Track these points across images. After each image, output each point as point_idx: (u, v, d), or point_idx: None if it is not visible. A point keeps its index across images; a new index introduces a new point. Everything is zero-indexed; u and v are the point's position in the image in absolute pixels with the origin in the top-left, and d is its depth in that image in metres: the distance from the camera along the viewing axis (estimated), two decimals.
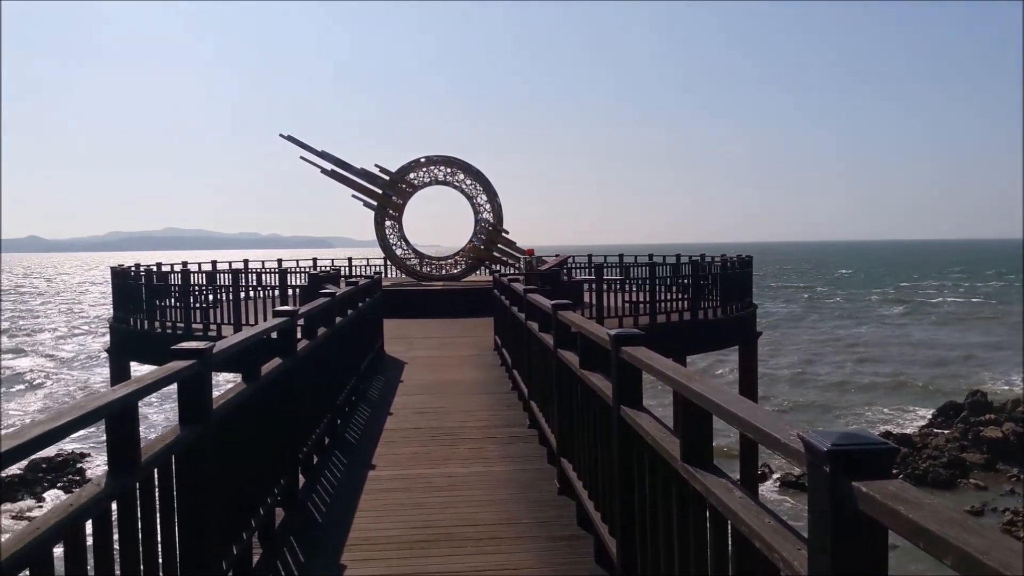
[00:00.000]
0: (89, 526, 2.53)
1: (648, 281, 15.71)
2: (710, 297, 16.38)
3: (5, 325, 62.57)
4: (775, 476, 20.43)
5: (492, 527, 5.18)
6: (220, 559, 3.75)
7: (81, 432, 3.24)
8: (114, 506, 2.71)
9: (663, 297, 15.70)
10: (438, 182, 23.69)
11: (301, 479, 5.93)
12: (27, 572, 2.13)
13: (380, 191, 23.21)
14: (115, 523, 2.74)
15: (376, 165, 23.39)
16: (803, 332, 51.58)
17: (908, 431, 24.77)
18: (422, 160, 23.55)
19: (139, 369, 19.83)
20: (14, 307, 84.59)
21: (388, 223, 23.44)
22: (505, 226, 23.70)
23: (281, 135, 22.87)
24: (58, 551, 2.35)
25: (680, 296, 15.97)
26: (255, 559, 4.52)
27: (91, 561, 2.53)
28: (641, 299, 15.55)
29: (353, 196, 23.15)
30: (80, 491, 2.56)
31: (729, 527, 2.35)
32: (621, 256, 25.42)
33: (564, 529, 5.11)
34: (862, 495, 1.54)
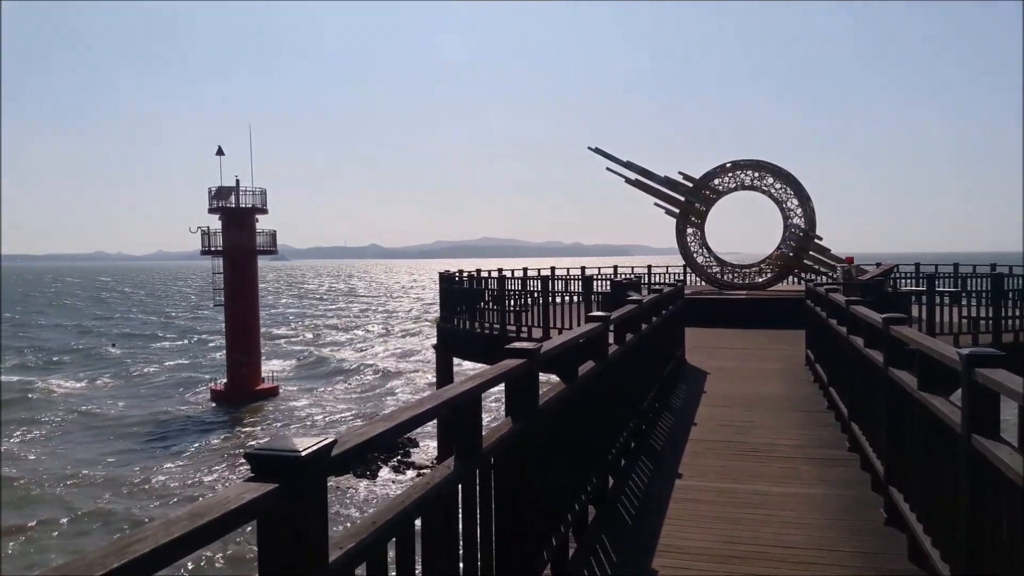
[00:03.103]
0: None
1: (991, 294, 13.79)
2: None
3: (335, 320, 72.22)
4: None
5: (808, 552, 4.91)
6: (541, 548, 3.98)
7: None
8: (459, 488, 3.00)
9: (1012, 313, 13.68)
10: (744, 187, 22.96)
11: (610, 480, 6.09)
12: (393, 539, 2.45)
13: (683, 198, 23.07)
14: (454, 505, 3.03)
15: (680, 172, 23.31)
16: None
17: None
18: (727, 165, 23.00)
19: (460, 365, 21.75)
20: (346, 306, 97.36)
21: (690, 230, 23.21)
22: (818, 232, 22.30)
23: (589, 148, 23.71)
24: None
25: None
26: (570, 552, 4.73)
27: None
28: (982, 314, 13.69)
29: (655, 204, 23.28)
30: (433, 472, 2.87)
31: None
32: (956, 266, 22.63)
33: (892, 562, 4.68)
34: None
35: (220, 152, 38.94)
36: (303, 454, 1.83)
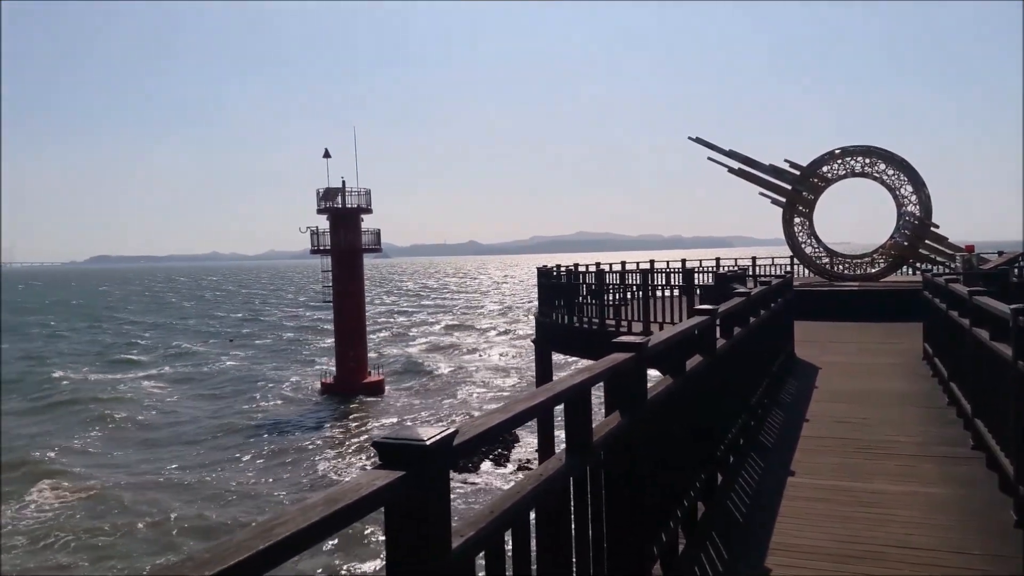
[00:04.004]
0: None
1: None
2: None
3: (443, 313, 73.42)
4: None
5: (931, 553, 4.70)
6: (651, 543, 3.97)
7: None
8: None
9: None
10: (854, 174, 22.04)
11: (718, 477, 6.00)
12: (510, 530, 2.50)
13: (789, 187, 22.34)
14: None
15: (785, 160, 22.62)
16: None
17: None
18: (836, 152, 22.12)
19: (559, 359, 21.82)
20: (441, 302, 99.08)
21: (797, 220, 22.46)
22: (934, 220, 21.18)
23: (690, 138, 23.28)
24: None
25: None
26: (679, 548, 4.70)
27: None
28: None
29: (760, 194, 22.64)
30: (545, 465, 2.91)
31: None
32: None
33: None
34: None
35: (327, 154, 40.33)
36: (428, 443, 1.90)
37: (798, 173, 22.35)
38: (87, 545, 18.41)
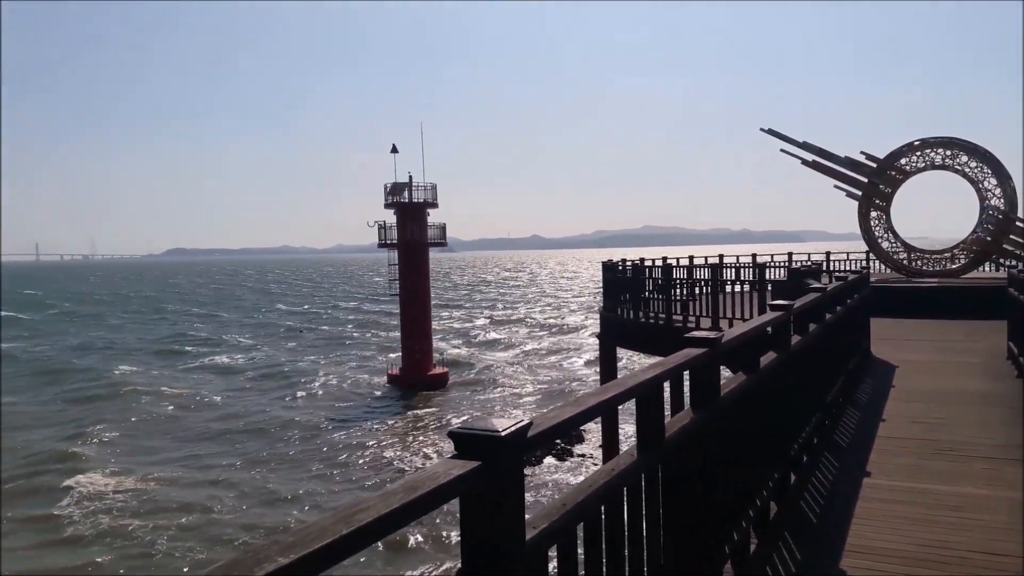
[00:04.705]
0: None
1: None
2: None
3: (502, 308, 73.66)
4: None
5: (1017, 560, 4.52)
6: (723, 542, 3.90)
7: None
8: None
9: None
10: (934, 167, 21.23)
11: (791, 476, 5.87)
12: (581, 524, 2.49)
13: (865, 180, 21.65)
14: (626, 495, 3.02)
15: (862, 152, 21.92)
16: None
17: None
18: (916, 143, 21.34)
19: (624, 354, 21.65)
20: (498, 296, 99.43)
21: (874, 214, 21.77)
22: (1020, 214, 20.24)
23: (762, 129, 22.79)
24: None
25: None
26: (751, 547, 4.61)
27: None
28: None
29: (835, 187, 22.01)
30: (618, 459, 2.89)
31: None
32: None
33: None
34: None
35: (394, 150, 40.86)
36: (503, 434, 1.91)
37: (875, 166, 21.65)
38: (166, 532, 19.08)
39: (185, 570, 16.43)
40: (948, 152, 21.00)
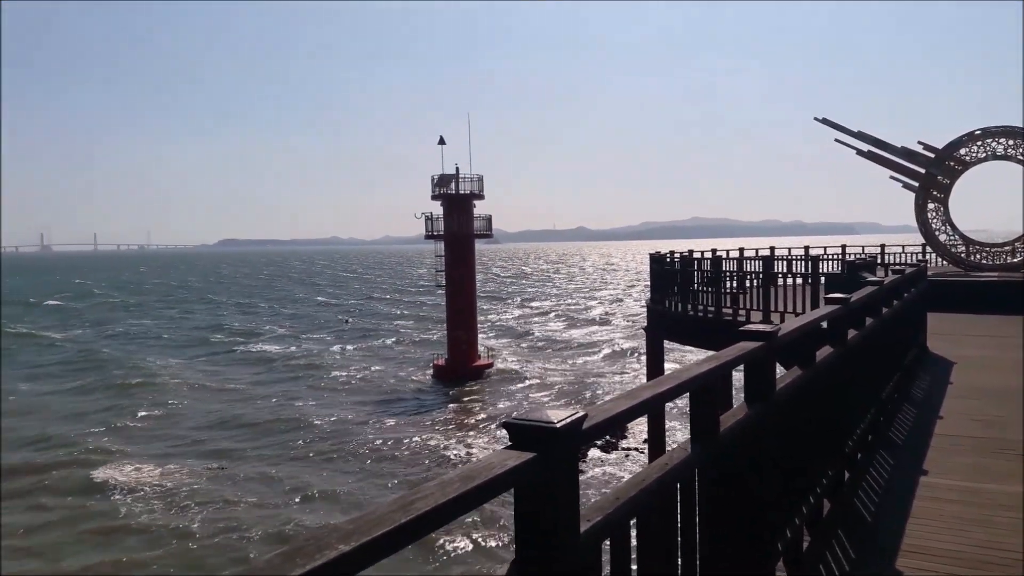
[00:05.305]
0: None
1: None
2: None
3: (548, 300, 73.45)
4: None
5: None
6: (776, 538, 3.84)
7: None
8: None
9: None
10: (996, 157, 20.55)
11: (845, 474, 5.75)
12: (634, 518, 2.47)
13: (923, 170, 21.05)
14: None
15: (919, 142, 21.30)
16: None
17: None
18: (977, 133, 20.67)
19: (672, 347, 21.41)
20: (541, 289, 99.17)
21: (931, 206, 21.16)
22: None
23: (815, 119, 22.30)
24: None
25: None
26: (803, 545, 4.53)
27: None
28: None
29: (891, 178, 21.46)
30: (671, 453, 2.85)
31: None
32: None
33: None
34: None
35: (442, 141, 41.03)
36: (558, 425, 1.89)
37: (933, 156, 21.04)
38: (215, 516, 19.50)
39: (252, 554, 16.59)
40: (1011, 142, 20.31)
